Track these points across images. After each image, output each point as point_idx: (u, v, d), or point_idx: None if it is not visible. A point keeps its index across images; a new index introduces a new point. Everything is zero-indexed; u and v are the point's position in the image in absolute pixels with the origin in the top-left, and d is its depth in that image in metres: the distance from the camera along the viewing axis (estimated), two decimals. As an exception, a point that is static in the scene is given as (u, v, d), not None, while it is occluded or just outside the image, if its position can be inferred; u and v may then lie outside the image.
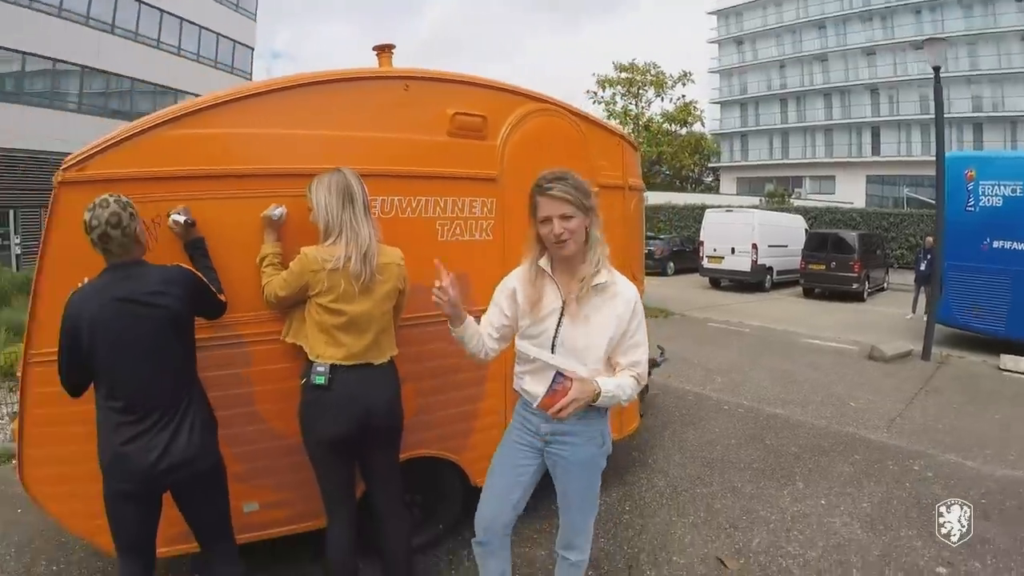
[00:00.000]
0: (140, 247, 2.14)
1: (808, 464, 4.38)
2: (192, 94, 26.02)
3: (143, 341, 2.05)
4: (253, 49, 31.25)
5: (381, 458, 2.49)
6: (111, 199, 2.03)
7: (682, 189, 38.58)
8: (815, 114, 40.01)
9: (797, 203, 28.69)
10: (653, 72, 12.29)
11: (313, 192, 2.33)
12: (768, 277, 16.27)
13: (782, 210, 22.78)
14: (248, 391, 2.53)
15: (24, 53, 20.05)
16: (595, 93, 12.45)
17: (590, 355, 2.04)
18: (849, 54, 38.07)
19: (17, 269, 14.54)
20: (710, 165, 45.57)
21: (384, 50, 2.87)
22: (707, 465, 4.28)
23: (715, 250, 16.36)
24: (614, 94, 12.25)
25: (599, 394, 1.96)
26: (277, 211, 2.42)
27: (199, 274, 2.24)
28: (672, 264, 19.79)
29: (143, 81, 24.59)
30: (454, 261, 2.73)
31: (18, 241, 19.82)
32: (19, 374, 2.44)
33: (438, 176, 2.79)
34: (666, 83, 12.12)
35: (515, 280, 2.17)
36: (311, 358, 2.32)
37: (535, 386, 2.09)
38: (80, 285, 2.10)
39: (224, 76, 28.02)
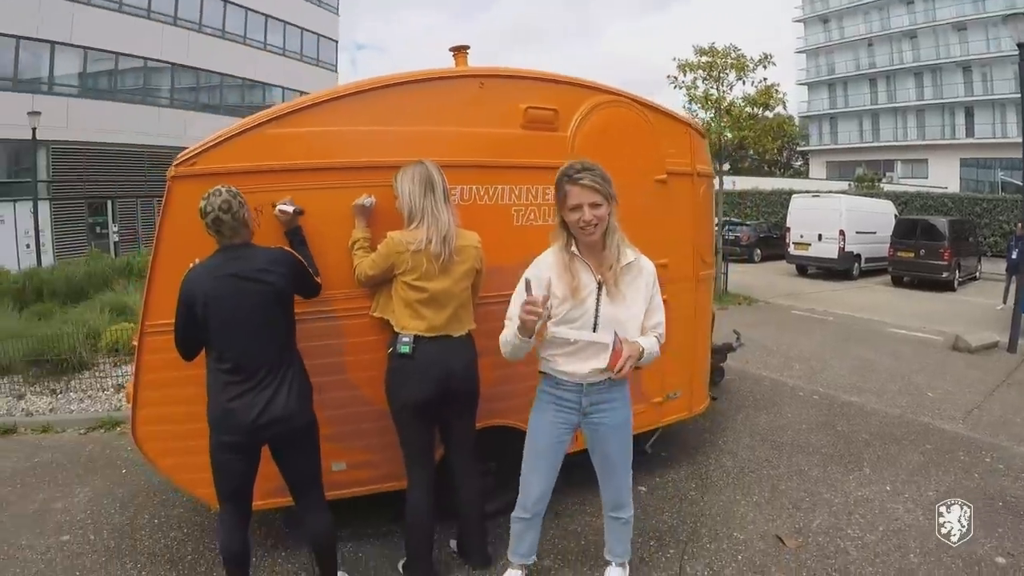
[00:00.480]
0: (248, 231, 2.39)
1: (877, 451, 4.27)
2: (279, 87, 27.30)
3: (251, 312, 2.30)
4: (337, 42, 31.92)
5: (459, 422, 2.70)
6: (223, 189, 2.30)
7: (770, 174, 36.93)
8: (906, 94, 36.96)
9: (888, 188, 26.93)
10: (734, 55, 11.86)
11: (398, 182, 2.55)
12: (856, 265, 15.37)
13: (871, 195, 21.48)
14: (340, 360, 2.77)
15: (117, 53, 21.29)
16: (675, 78, 12.10)
17: (631, 326, 2.24)
18: (939, 30, 34.76)
19: (116, 255, 15.28)
20: (799, 149, 43.31)
21: (460, 51, 3.05)
22: (776, 448, 4.26)
23: (801, 237, 15.63)
24: (695, 79, 11.91)
25: (643, 351, 2.18)
26: (367, 200, 2.64)
27: (299, 257, 2.48)
28: (759, 251, 19.05)
29: (231, 76, 25.66)
30: (529, 244, 2.89)
31: (116, 229, 21.22)
32: (134, 343, 2.74)
33: (513, 166, 2.94)
34: (747, 66, 11.67)
35: (546, 270, 2.25)
36: (396, 330, 2.55)
37: (572, 365, 2.26)
38: (191, 265, 2.36)
39: (309, 69, 28.83)
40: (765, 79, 11.71)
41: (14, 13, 18.09)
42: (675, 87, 12.10)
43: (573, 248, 2.23)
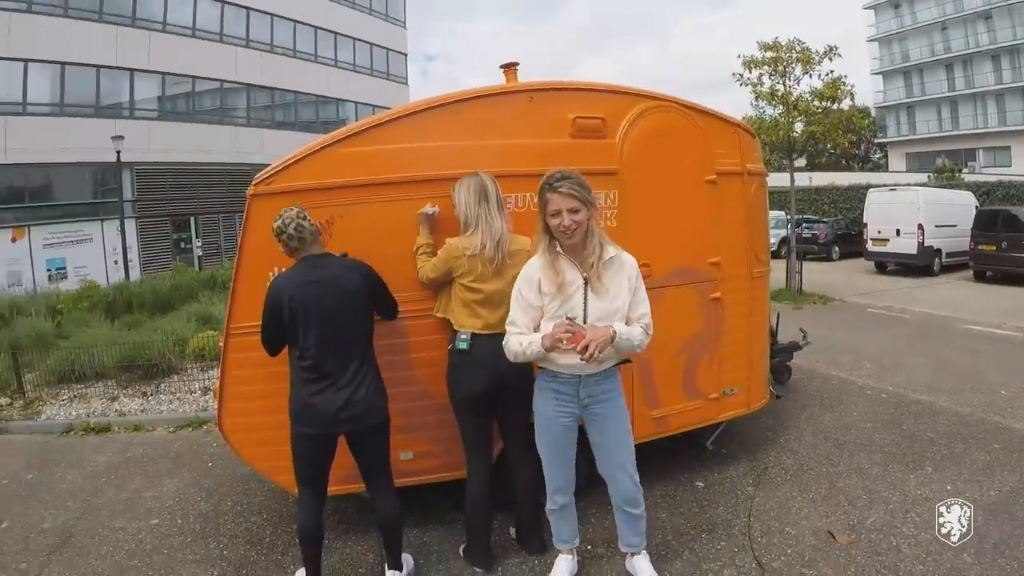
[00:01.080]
0: (318, 243, 2.61)
1: (942, 450, 4.07)
2: (352, 102, 28.15)
3: (330, 314, 2.51)
4: (406, 55, 32.44)
5: (512, 415, 2.82)
6: (293, 209, 2.55)
7: (848, 168, 35.16)
8: (984, 79, 34.27)
9: (969, 178, 25.13)
10: (798, 49, 11.43)
11: (456, 192, 2.73)
12: (936, 260, 14.38)
13: (951, 186, 20.09)
14: (408, 358, 2.95)
15: (193, 76, 22.36)
16: (740, 75, 11.79)
17: (616, 318, 2.34)
18: (1015, 9, 31.95)
19: (200, 269, 16.16)
20: (877, 141, 41.00)
21: (510, 68, 3.20)
22: (838, 446, 4.14)
23: (879, 232, 14.74)
24: (760, 75, 11.56)
25: (615, 334, 2.26)
26: (430, 209, 2.83)
27: (376, 273, 2.67)
28: (837, 248, 18.12)
29: (305, 93, 26.53)
30: None
31: (199, 244, 22.33)
32: (220, 344, 2.99)
33: (563, 173, 3.09)
34: (812, 59, 11.22)
35: (536, 272, 2.38)
36: (456, 328, 2.72)
37: (568, 358, 2.32)
38: (271, 275, 2.63)
39: (380, 83, 29.42)
40: (831, 71, 11.23)
41: (94, 43, 19.32)
42: (741, 84, 11.79)
43: (557, 248, 2.36)
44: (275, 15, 25.33)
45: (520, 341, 2.34)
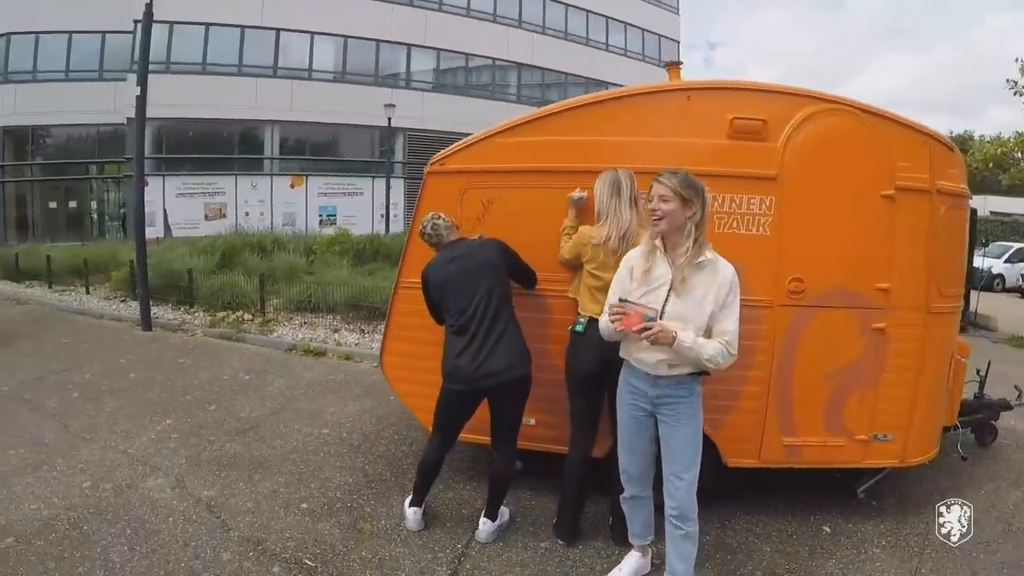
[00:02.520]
0: (454, 233, 2.94)
1: None
2: (621, 86, 28.27)
3: (465, 284, 2.80)
4: (678, 42, 31.30)
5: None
6: (431, 215, 2.93)
7: None
8: None
9: None
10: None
11: (595, 185, 2.77)
12: None
13: None
14: (544, 332, 3.04)
15: (467, 54, 24.06)
16: (1014, 83, 9.72)
17: (694, 324, 2.19)
18: None
19: None
20: None
21: (673, 66, 3.11)
22: (1007, 534, 3.17)
23: None
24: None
25: (675, 339, 2.12)
26: (578, 194, 2.91)
27: (507, 245, 2.90)
28: None
29: (575, 75, 26.68)
30: (730, 252, 2.82)
31: None
32: (391, 295, 3.44)
33: (716, 175, 2.83)
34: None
35: (630, 259, 2.36)
36: (579, 311, 2.77)
37: (642, 353, 2.29)
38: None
39: (651, 69, 27.99)
40: None
41: (373, 19, 21.91)
42: (1015, 92, 9.70)
43: (657, 241, 2.28)
44: None
45: (603, 318, 2.37)
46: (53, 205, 22.33)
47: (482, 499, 3.14)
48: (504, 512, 3.06)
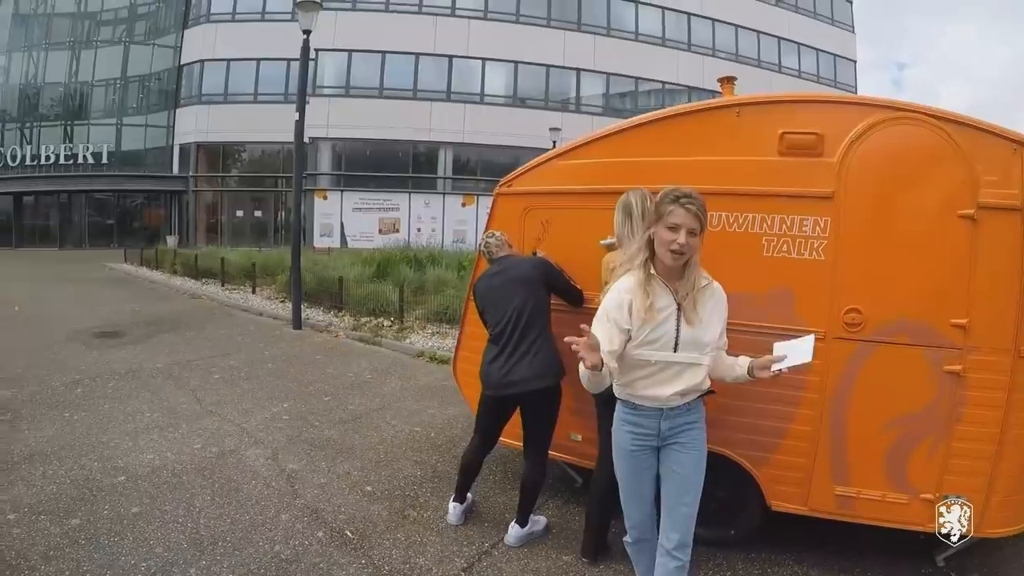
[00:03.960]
0: (504, 249, 3.14)
1: None
2: None
3: (502, 297, 2.98)
4: (855, 62, 29.92)
5: None
6: (487, 233, 3.19)
7: None
8: None
9: None
10: None
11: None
12: None
13: None
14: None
15: (636, 77, 24.20)
16: None
17: (709, 348, 2.10)
18: None
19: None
20: None
21: (727, 81, 2.99)
22: None
23: None
24: None
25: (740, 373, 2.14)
26: (607, 240, 2.90)
27: (553, 263, 3.02)
28: None
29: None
30: (778, 276, 2.70)
31: None
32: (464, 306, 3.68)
33: (765, 194, 2.70)
34: None
35: (624, 293, 2.10)
36: None
37: (653, 389, 2.08)
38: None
39: (825, 90, 26.69)
40: None
41: (543, 45, 22.97)
42: None
43: (651, 270, 2.09)
44: (716, 20, 26.19)
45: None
46: (240, 214, 26.39)
47: (546, 510, 3.31)
48: (540, 521, 3.14)
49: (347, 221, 22.82)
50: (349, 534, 3.11)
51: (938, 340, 2.48)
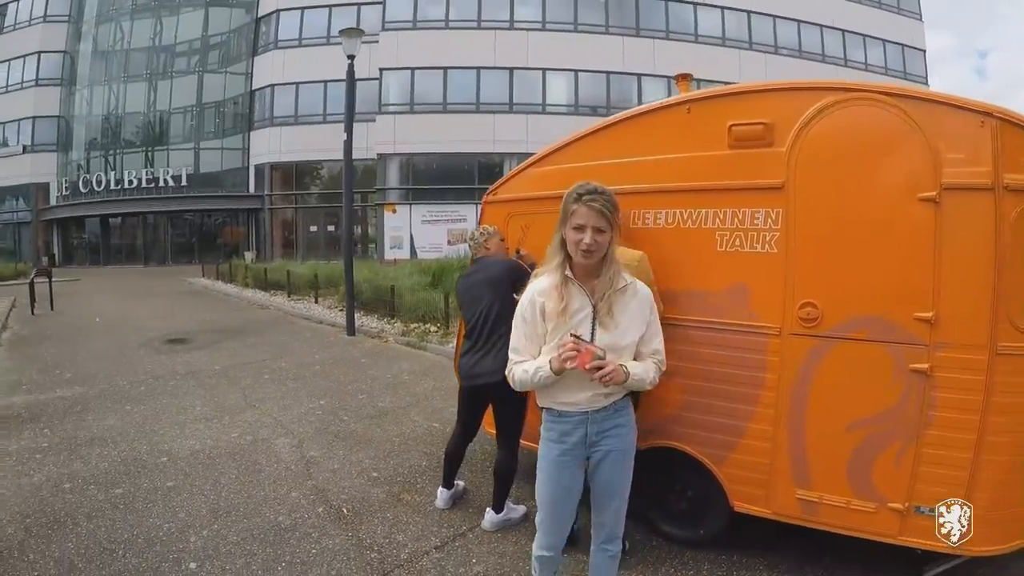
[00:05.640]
0: (482, 249, 3.29)
1: None
2: None
3: (475, 296, 3.18)
4: (924, 51, 28.32)
5: None
6: (471, 233, 3.35)
7: None
8: None
9: None
10: None
11: None
12: None
13: None
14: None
15: (698, 79, 23.70)
16: None
17: (626, 352, 2.02)
18: None
19: None
20: None
21: (682, 78, 2.95)
22: None
23: None
24: None
25: (628, 374, 1.97)
26: None
27: (523, 265, 3.13)
28: None
29: None
30: (732, 272, 2.66)
31: None
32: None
33: (716, 188, 2.67)
34: None
35: (537, 294, 2.05)
36: None
37: (571, 394, 2.03)
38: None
39: (896, 83, 25.50)
40: None
41: (602, 51, 22.79)
42: None
43: (567, 271, 2.02)
44: (777, 16, 25.38)
45: (526, 369, 2.03)
46: (314, 229, 27.86)
47: (527, 500, 3.38)
48: (518, 509, 3.28)
49: (416, 233, 23.62)
50: (345, 511, 3.40)
51: (901, 336, 2.31)
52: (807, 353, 2.49)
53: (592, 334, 2.01)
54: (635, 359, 2.07)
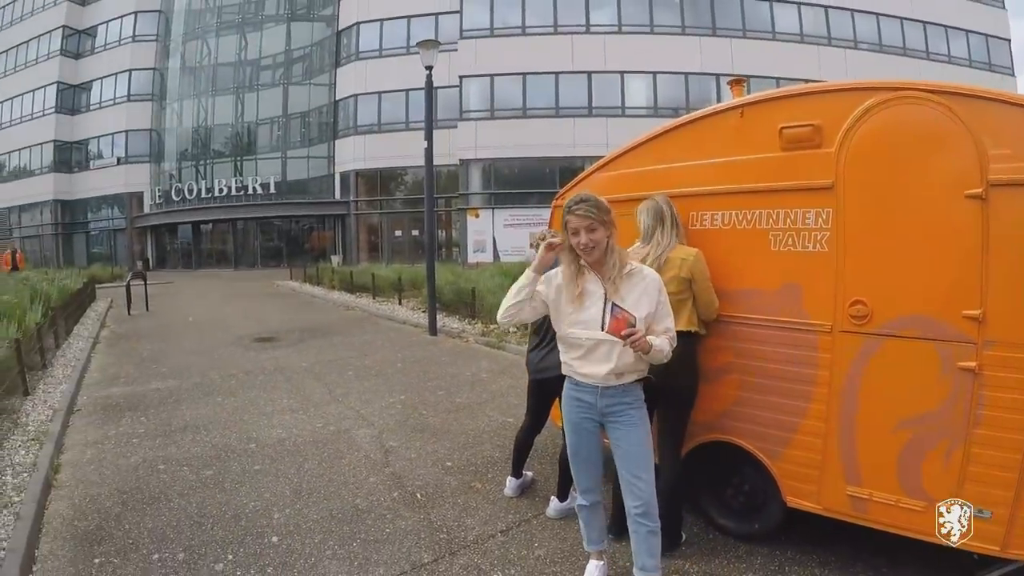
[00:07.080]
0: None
1: None
2: None
3: None
4: (1009, 40, 26.83)
5: (672, 414, 2.96)
6: (547, 231, 3.51)
7: None
8: None
9: None
10: None
11: (638, 212, 3.03)
12: None
13: None
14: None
15: (776, 78, 22.04)
16: None
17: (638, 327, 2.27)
18: None
19: None
20: None
21: (736, 83, 3.08)
22: None
23: None
24: None
25: (652, 346, 2.27)
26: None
27: None
28: None
29: None
30: (785, 271, 2.81)
31: None
32: None
33: (770, 190, 2.80)
34: None
35: (555, 278, 2.47)
36: None
37: (588, 367, 2.39)
38: None
39: (981, 75, 24.95)
40: None
41: (680, 53, 22.81)
42: None
43: (581, 262, 2.42)
44: (855, 10, 24.68)
45: (512, 288, 2.50)
46: (398, 233, 29.01)
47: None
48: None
49: (499, 237, 24.23)
50: (419, 496, 3.75)
51: (950, 334, 2.37)
52: (857, 350, 2.58)
53: (604, 311, 2.36)
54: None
